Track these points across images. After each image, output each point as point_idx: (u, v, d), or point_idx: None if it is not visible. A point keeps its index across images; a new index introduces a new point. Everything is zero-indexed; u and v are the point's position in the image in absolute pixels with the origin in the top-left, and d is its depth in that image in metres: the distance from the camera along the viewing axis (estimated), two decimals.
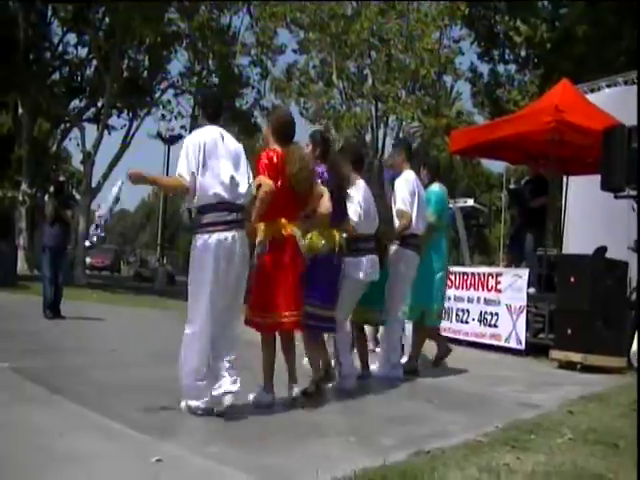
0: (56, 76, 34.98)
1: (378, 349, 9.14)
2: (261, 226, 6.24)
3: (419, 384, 8.18)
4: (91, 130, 34.22)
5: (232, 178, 5.82)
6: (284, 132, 6.46)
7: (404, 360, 8.79)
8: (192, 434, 5.07)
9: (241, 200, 5.87)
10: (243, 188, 5.89)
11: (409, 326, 9.14)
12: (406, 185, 8.33)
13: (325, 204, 6.58)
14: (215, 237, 5.70)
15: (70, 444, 4.65)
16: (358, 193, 7.33)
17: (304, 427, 5.63)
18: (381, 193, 8.03)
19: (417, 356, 9.01)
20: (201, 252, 5.75)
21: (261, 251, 6.17)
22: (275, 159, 6.20)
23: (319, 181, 6.63)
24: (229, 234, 5.73)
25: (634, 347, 7.08)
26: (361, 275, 7.27)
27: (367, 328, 8.91)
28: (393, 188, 8.44)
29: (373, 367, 8.35)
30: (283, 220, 6.23)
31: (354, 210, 7.22)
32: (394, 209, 8.23)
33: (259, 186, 6.06)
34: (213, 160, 5.81)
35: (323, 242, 6.66)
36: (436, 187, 9.15)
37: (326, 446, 5.06)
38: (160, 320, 14.87)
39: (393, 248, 8.27)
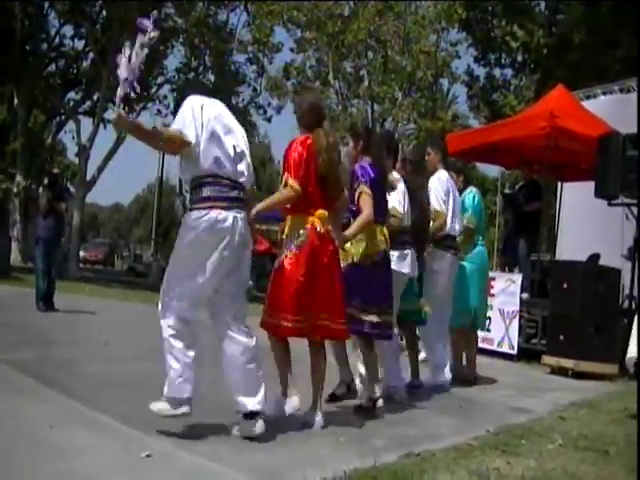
0: (52, 68, 34.91)
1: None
2: (289, 220, 5.83)
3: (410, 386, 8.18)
4: (87, 123, 34.27)
5: (237, 153, 5.27)
6: (314, 117, 5.93)
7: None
8: (182, 430, 5.05)
9: (243, 179, 5.30)
10: (245, 167, 5.35)
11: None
12: (440, 184, 8.11)
13: (368, 208, 6.18)
14: (214, 214, 5.06)
15: (60, 437, 4.64)
16: (399, 184, 7.06)
17: (295, 427, 5.61)
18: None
19: (469, 363, 8.91)
20: (192, 230, 5.09)
21: (297, 246, 5.62)
22: (305, 153, 5.68)
23: (360, 179, 6.29)
24: (229, 213, 5.09)
25: (630, 353, 7.06)
26: (407, 269, 6.99)
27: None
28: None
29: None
30: (316, 213, 5.69)
31: (398, 201, 6.97)
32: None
33: (286, 184, 5.64)
34: (218, 127, 5.26)
35: (381, 247, 6.40)
36: (473, 190, 9.13)
37: (316, 446, 5.06)
38: (153, 315, 14.75)
39: (428, 250, 7.85)
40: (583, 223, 13.40)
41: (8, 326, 9.59)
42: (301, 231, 5.66)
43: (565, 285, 10.13)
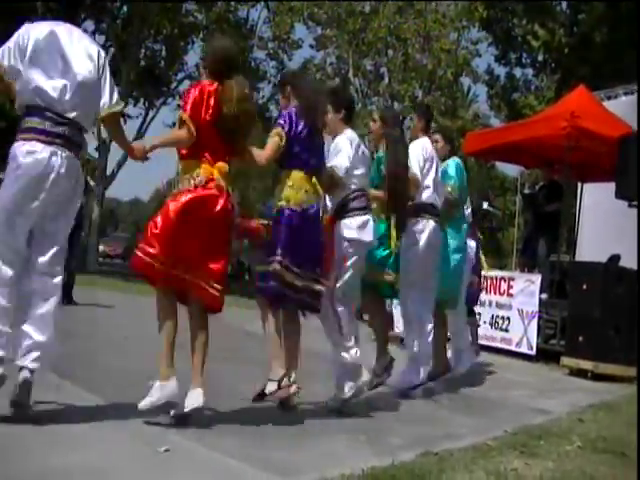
0: None
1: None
2: (182, 165, 5.38)
3: (429, 385, 8.16)
4: None
5: (65, 85, 4.78)
6: (224, 65, 5.47)
7: None
8: (201, 426, 5.06)
9: (74, 114, 4.82)
10: (81, 101, 4.87)
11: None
12: (421, 150, 7.50)
13: (267, 149, 5.78)
14: (27, 147, 4.68)
15: (79, 430, 4.66)
16: (346, 143, 6.39)
17: (313, 424, 5.62)
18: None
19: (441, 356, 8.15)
20: (11, 160, 4.72)
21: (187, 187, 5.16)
22: (206, 96, 5.26)
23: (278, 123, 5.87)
24: (48, 148, 4.67)
25: None
26: (368, 237, 6.38)
27: None
28: None
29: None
30: (210, 160, 5.26)
31: (340, 161, 6.26)
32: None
33: (181, 124, 5.26)
34: (45, 53, 4.81)
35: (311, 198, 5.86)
36: (455, 159, 8.42)
37: (335, 443, 5.06)
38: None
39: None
40: (603, 224, 13.33)
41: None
42: (196, 174, 5.19)
43: (585, 286, 10.07)
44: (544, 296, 11.55)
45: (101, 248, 39.27)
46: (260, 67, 37.54)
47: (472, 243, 8.88)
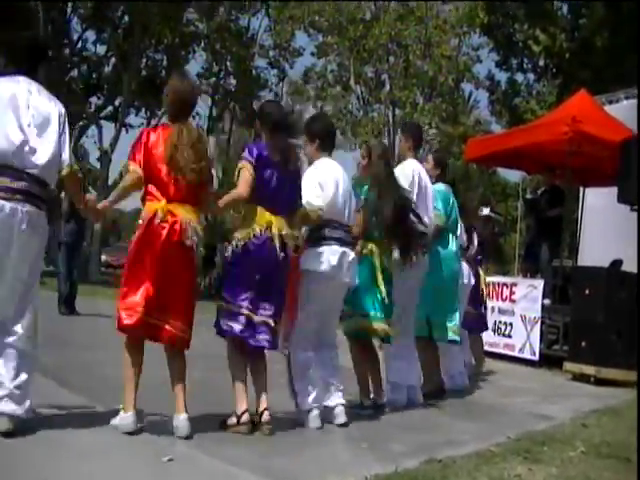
0: (74, 73, 35.12)
1: None
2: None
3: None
4: (109, 128, 34.43)
5: (25, 142, 4.79)
6: (179, 107, 5.54)
7: None
8: (203, 435, 5.06)
9: (36, 171, 4.82)
10: (42, 158, 4.86)
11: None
12: (404, 175, 7.18)
13: (240, 186, 5.58)
14: None
15: (81, 440, 4.68)
16: (319, 172, 6.22)
17: (315, 432, 5.62)
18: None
19: (432, 376, 7.83)
20: None
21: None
22: (149, 140, 5.29)
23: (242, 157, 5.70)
24: (7, 204, 4.65)
25: None
26: (322, 267, 5.99)
27: None
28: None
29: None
30: (164, 202, 5.22)
31: (311, 193, 6.04)
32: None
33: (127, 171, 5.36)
34: (4, 114, 4.77)
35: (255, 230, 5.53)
36: (441, 186, 8.12)
37: (337, 451, 5.08)
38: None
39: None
40: (605, 229, 13.31)
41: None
42: (142, 214, 5.27)
43: (587, 291, 10.05)
44: (547, 301, 11.54)
45: (103, 258, 39.32)
46: (261, 75, 37.61)
47: (465, 270, 8.65)
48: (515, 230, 41.59)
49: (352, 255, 6.20)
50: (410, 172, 7.31)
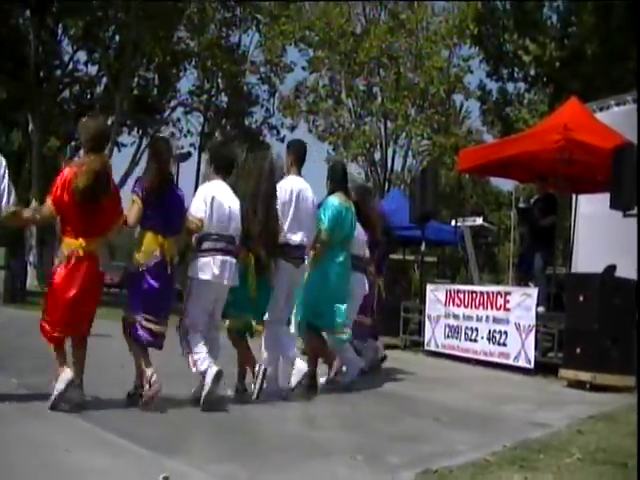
0: (66, 94, 35.24)
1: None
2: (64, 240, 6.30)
3: (426, 402, 8.14)
4: None
5: None
6: (95, 141, 6.44)
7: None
8: (197, 451, 5.05)
9: None
10: None
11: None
12: (282, 191, 7.84)
13: (129, 216, 6.58)
14: None
15: (77, 460, 4.65)
16: (206, 191, 7.18)
17: (309, 445, 5.61)
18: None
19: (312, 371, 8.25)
20: None
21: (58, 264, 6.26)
22: (63, 176, 6.16)
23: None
24: None
25: None
26: (207, 276, 6.99)
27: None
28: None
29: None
30: (80, 238, 6.17)
31: (195, 207, 7.07)
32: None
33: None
34: None
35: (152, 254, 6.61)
36: (334, 199, 8.51)
37: (332, 464, 5.04)
38: (168, 337, 14.83)
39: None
40: (599, 235, 13.34)
41: (24, 350, 9.61)
42: (60, 250, 6.29)
43: (581, 298, 10.04)
44: (541, 309, 11.52)
45: None
46: (252, 91, 37.71)
47: (359, 280, 9.02)
48: (509, 239, 41.69)
49: (234, 261, 7.14)
50: (289, 188, 7.90)
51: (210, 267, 6.98)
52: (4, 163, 6.03)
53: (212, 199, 7.07)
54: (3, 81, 28.81)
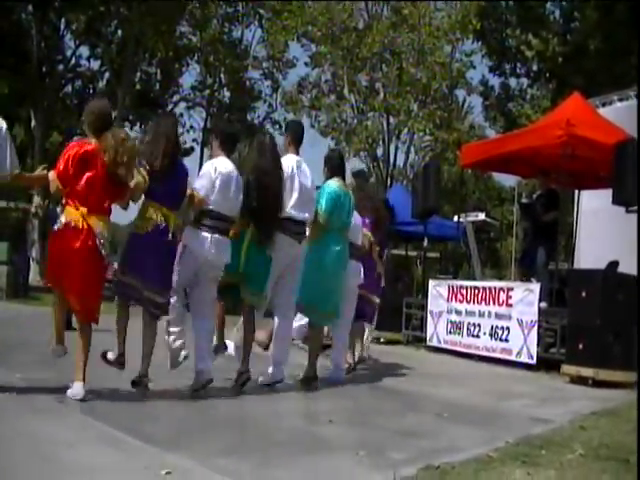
0: (69, 89, 35.25)
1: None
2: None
3: (429, 398, 8.13)
4: None
5: None
6: (101, 121, 6.63)
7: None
8: (199, 446, 5.05)
9: None
10: None
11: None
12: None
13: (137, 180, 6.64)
14: None
15: (80, 456, 4.64)
16: (211, 167, 7.27)
17: (312, 440, 5.60)
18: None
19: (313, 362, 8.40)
20: None
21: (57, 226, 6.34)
22: (75, 153, 6.39)
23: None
24: None
25: None
26: (200, 250, 7.12)
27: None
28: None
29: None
30: (83, 210, 6.25)
31: (200, 184, 7.17)
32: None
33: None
34: None
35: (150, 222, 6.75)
36: (332, 183, 8.52)
37: (335, 460, 5.03)
38: None
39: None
40: (601, 231, 13.34)
41: (27, 345, 9.62)
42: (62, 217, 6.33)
43: (584, 293, 10.02)
44: (543, 305, 11.51)
45: None
46: (255, 86, 37.67)
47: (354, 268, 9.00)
48: (511, 234, 41.56)
49: (228, 242, 7.30)
50: (289, 164, 7.96)
51: (207, 243, 7.11)
52: (4, 127, 6.17)
53: (217, 176, 7.18)
54: (5, 76, 28.78)
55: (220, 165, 7.28)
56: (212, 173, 7.19)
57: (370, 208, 9.89)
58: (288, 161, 7.99)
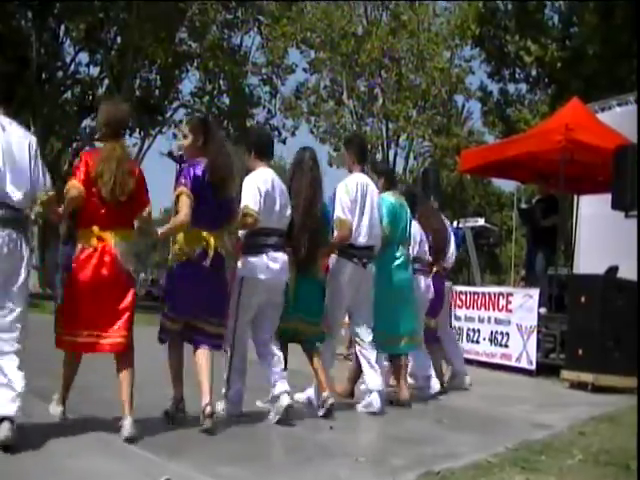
0: (68, 95, 35.22)
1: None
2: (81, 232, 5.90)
3: (429, 404, 8.13)
4: None
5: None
6: (110, 127, 5.80)
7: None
8: (200, 454, 5.05)
9: (10, 200, 5.26)
10: (16, 190, 5.28)
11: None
12: (346, 190, 7.34)
13: (184, 209, 5.83)
14: None
15: (80, 464, 4.65)
16: (257, 179, 6.55)
17: (312, 447, 5.61)
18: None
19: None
20: None
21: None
22: (89, 161, 5.62)
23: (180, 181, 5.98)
24: None
25: None
26: (260, 275, 6.42)
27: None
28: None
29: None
30: (95, 228, 5.71)
31: (251, 197, 6.41)
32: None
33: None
34: None
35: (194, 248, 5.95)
36: (389, 195, 8.10)
37: (335, 466, 5.03)
38: None
39: (332, 258, 7.47)
40: (600, 236, 13.34)
41: (27, 353, 9.60)
42: (80, 244, 5.91)
43: (583, 299, 10.03)
44: (543, 310, 11.52)
45: None
46: (254, 93, 37.66)
47: (422, 282, 8.55)
48: (511, 240, 41.58)
49: (285, 257, 6.62)
50: (354, 187, 7.40)
51: (266, 265, 6.45)
52: (34, 144, 5.52)
53: (264, 190, 6.50)
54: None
55: (264, 177, 6.62)
56: (260, 187, 6.48)
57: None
58: (355, 180, 7.48)
